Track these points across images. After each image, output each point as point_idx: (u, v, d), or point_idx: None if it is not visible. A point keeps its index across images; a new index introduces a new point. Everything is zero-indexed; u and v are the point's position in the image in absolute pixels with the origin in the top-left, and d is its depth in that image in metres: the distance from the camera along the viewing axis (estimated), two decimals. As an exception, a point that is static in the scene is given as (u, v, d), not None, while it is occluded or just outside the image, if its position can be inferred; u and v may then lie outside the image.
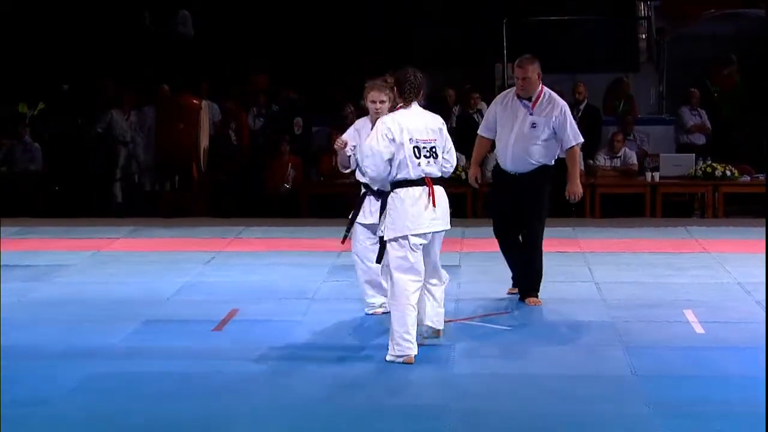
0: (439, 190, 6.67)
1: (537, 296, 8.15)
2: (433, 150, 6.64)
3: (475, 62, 15.95)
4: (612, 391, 6.11)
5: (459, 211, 13.57)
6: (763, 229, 11.96)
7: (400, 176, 6.60)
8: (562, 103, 8.16)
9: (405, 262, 6.57)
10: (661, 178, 13.67)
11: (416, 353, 6.53)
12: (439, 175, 6.69)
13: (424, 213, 6.58)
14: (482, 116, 14.82)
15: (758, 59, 15.65)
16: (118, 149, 14.32)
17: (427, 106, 6.89)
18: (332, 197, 14.10)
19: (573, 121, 8.16)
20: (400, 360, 6.52)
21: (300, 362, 6.69)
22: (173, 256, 10.46)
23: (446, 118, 14.85)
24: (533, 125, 8.03)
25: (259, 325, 7.66)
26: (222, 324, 7.65)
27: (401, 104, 6.70)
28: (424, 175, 6.60)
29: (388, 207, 6.66)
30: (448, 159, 6.73)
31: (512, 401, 5.91)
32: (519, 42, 15.98)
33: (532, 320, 7.75)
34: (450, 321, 7.56)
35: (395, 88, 6.73)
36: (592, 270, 9.59)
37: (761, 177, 13.63)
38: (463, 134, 14.27)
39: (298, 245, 11.18)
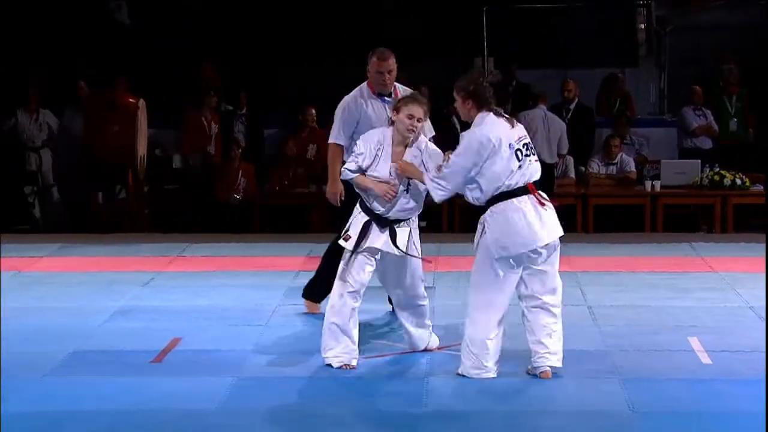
0: None
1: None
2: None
3: (451, 55, 16.03)
4: (607, 428, 6.14)
5: (434, 225, 13.62)
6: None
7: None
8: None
9: None
10: (662, 187, 13.75)
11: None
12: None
13: None
14: (458, 116, 15.00)
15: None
16: (27, 156, 14.29)
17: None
18: (288, 210, 14.11)
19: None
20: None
21: (253, 397, 6.68)
22: (106, 277, 10.42)
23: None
24: None
25: (205, 355, 7.64)
26: (162, 355, 7.63)
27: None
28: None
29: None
30: None
31: (494, 442, 5.94)
32: (501, 33, 16.09)
33: (516, 349, 7.76)
34: (423, 350, 7.58)
35: (473, 98, 6.91)
36: (585, 292, 9.64)
37: (775, 186, 13.75)
38: (438, 135, 14.33)
39: (249, 264, 11.17)
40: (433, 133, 8.18)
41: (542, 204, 6.86)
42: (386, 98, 8.29)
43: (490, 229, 6.84)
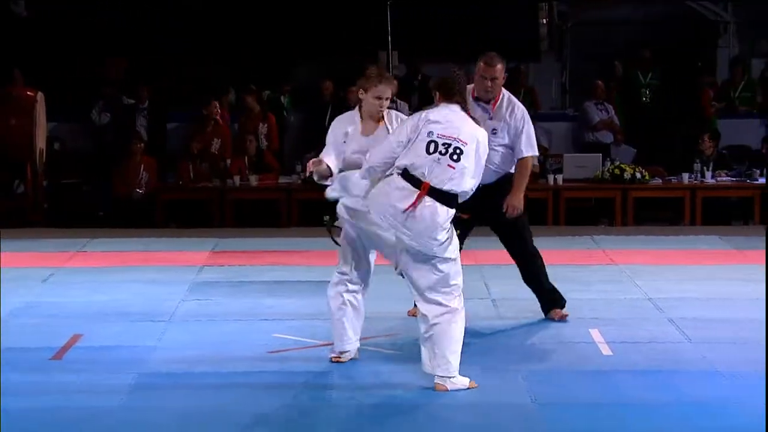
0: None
1: (562, 308, 8.39)
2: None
3: (355, 50, 16.03)
4: (510, 421, 6.20)
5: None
6: (679, 238, 12.32)
7: None
8: (523, 108, 8.22)
9: None
10: (564, 181, 13.91)
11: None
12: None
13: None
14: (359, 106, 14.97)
15: (675, 47, 16.13)
16: None
17: (303, 100, 6.93)
18: (192, 204, 14.01)
19: (532, 129, 8.23)
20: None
21: (156, 394, 6.64)
22: (4, 273, 10.19)
23: (322, 114, 15.00)
24: (494, 131, 8.09)
25: (107, 352, 7.57)
26: (62, 351, 7.55)
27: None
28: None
29: None
30: None
31: (398, 435, 5.97)
32: (405, 26, 16.15)
33: (418, 343, 7.80)
34: (327, 344, 7.59)
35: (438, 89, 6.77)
36: (489, 285, 9.72)
37: (674, 180, 14.01)
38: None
39: (152, 259, 11.08)
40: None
41: (414, 204, 6.53)
42: (483, 104, 8.05)
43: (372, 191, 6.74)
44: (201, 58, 16.06)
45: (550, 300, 8.48)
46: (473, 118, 6.85)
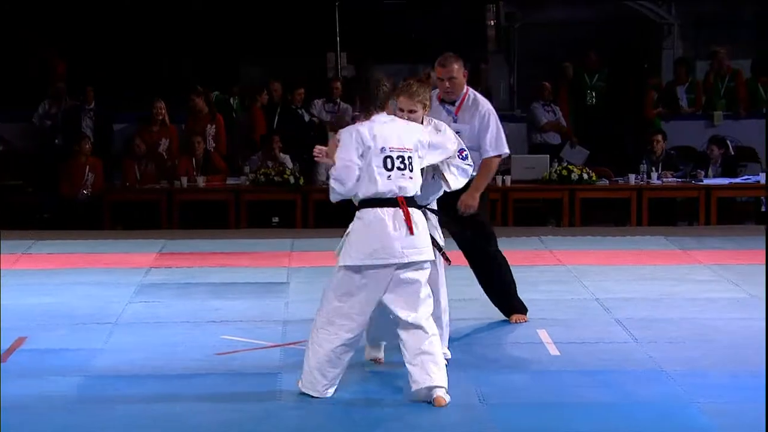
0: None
1: (524, 313, 8.38)
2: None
3: (304, 51, 16.03)
4: (457, 421, 6.22)
5: (287, 221, 13.61)
6: (625, 239, 12.41)
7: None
8: (488, 107, 8.06)
9: None
10: (512, 182, 13.98)
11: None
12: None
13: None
14: (308, 113, 15.03)
15: (623, 48, 16.24)
16: None
17: (252, 101, 6.90)
18: (139, 205, 13.93)
19: (499, 128, 8.01)
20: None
21: (102, 398, 6.59)
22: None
23: (272, 115, 14.96)
24: (458, 134, 8.02)
25: (52, 355, 7.51)
26: (6, 355, 7.47)
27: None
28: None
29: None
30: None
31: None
32: (353, 28, 16.19)
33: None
34: (276, 346, 7.57)
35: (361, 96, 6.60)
36: (437, 286, 9.73)
37: (621, 181, 14.11)
38: (288, 132, 14.35)
39: (98, 261, 11.00)
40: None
41: (409, 222, 6.45)
42: (448, 106, 7.92)
43: (352, 235, 6.52)
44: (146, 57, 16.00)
45: (512, 302, 8.47)
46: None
